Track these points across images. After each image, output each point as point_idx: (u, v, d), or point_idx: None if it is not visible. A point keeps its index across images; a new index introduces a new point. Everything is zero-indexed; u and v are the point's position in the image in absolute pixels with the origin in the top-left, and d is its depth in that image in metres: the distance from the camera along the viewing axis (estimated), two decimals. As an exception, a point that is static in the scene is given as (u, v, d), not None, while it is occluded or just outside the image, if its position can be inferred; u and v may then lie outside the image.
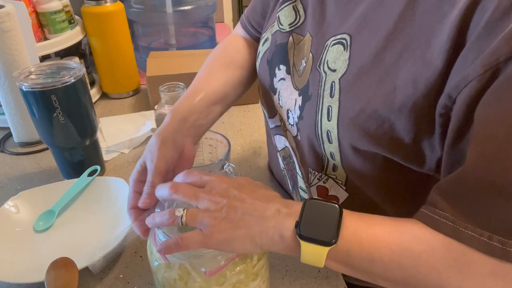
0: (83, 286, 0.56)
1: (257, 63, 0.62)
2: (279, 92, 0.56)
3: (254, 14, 0.68)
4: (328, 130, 0.47)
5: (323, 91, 0.46)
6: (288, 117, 0.55)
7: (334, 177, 0.53)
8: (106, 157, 0.82)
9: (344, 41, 0.45)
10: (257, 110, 1.00)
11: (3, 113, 0.87)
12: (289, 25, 0.54)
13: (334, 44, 0.46)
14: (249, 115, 0.98)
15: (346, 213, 0.40)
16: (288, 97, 0.54)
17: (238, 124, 0.94)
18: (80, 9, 0.99)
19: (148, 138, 0.89)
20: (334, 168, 0.51)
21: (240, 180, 0.45)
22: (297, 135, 0.54)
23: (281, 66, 0.55)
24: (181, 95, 0.73)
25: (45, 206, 0.67)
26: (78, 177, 0.70)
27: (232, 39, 0.71)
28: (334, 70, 0.45)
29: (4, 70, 0.78)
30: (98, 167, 0.72)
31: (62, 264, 0.53)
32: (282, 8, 0.56)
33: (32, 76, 0.66)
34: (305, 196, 0.61)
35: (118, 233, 0.60)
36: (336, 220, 0.39)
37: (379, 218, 0.41)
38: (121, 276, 0.58)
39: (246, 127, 0.93)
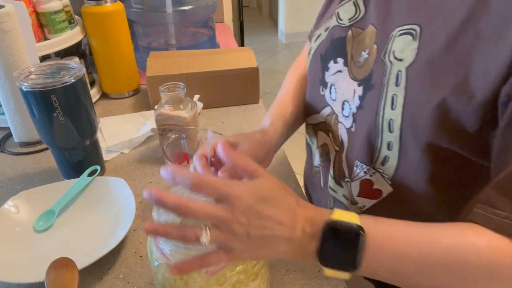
0: (83, 286, 0.56)
1: (309, 59, 0.64)
2: (332, 85, 0.58)
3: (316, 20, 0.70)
4: (390, 119, 0.47)
5: (388, 80, 0.47)
6: (343, 109, 0.56)
7: (382, 171, 0.53)
8: (106, 157, 0.82)
9: (413, 31, 0.46)
10: (257, 110, 1.00)
11: (3, 113, 0.87)
12: (349, 19, 0.56)
13: (401, 35, 0.47)
14: (249, 115, 0.98)
15: (370, 231, 0.39)
16: (345, 88, 0.55)
17: (238, 124, 0.94)
18: (80, 9, 0.99)
19: (148, 138, 0.89)
20: (385, 160, 0.51)
21: (262, 187, 0.41)
22: (351, 126, 0.55)
23: (338, 59, 0.56)
24: (181, 95, 0.73)
25: (45, 206, 0.67)
26: (78, 177, 0.70)
27: (302, 52, 0.74)
28: (400, 60, 0.46)
29: (4, 70, 0.78)
30: (98, 167, 0.72)
31: (62, 264, 0.53)
32: (342, 5, 0.58)
33: (32, 76, 0.66)
34: (334, 195, 0.62)
35: (118, 233, 0.60)
36: (358, 247, 0.39)
37: (407, 229, 0.41)
38: (121, 276, 0.58)
39: (246, 127, 0.93)
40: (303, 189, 0.75)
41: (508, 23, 0.38)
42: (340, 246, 0.39)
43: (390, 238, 0.40)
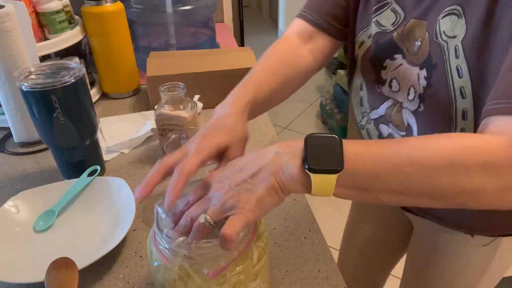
0: (83, 286, 0.56)
1: (358, 64, 0.70)
2: (392, 79, 0.64)
3: (317, 3, 0.71)
4: (461, 86, 0.53)
5: (448, 56, 0.54)
6: (408, 94, 0.62)
7: None
8: (106, 157, 0.82)
9: (456, 11, 0.53)
10: (257, 110, 1.00)
11: (3, 113, 0.87)
12: (392, 24, 0.63)
13: (444, 17, 0.54)
14: (249, 115, 0.98)
15: (345, 141, 0.43)
16: (409, 77, 0.61)
17: (238, 124, 0.94)
18: (80, 9, 0.99)
19: (148, 138, 0.89)
20: (462, 130, 0.56)
21: (228, 164, 0.47)
22: (418, 107, 0.60)
23: (396, 56, 0.63)
24: (181, 95, 0.73)
25: (45, 206, 0.67)
26: (78, 177, 0.70)
27: (282, 38, 0.73)
28: (454, 37, 0.53)
29: (4, 70, 0.78)
30: (98, 167, 0.73)
31: (62, 264, 0.53)
32: (379, 13, 0.64)
33: (32, 76, 0.66)
34: None
35: (117, 233, 0.60)
36: (339, 148, 0.42)
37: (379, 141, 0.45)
38: (121, 276, 0.58)
39: (246, 127, 0.93)
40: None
41: None
42: (322, 147, 0.42)
43: (365, 144, 0.44)
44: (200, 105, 0.95)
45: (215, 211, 0.42)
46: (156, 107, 0.76)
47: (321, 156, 0.41)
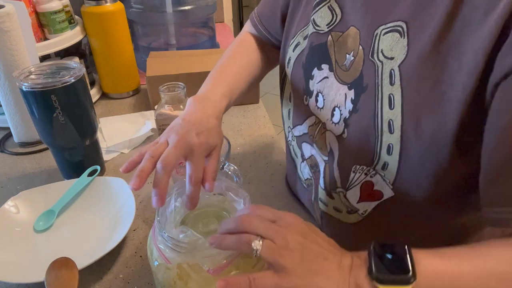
0: (83, 286, 0.56)
1: (289, 69, 0.62)
2: (318, 93, 0.56)
3: (266, 15, 0.69)
4: (390, 119, 0.46)
5: (381, 80, 0.46)
6: (332, 115, 0.54)
7: (383, 174, 0.51)
8: (106, 157, 0.82)
9: (399, 28, 0.45)
10: (257, 110, 1.00)
11: (3, 113, 0.87)
12: (327, 25, 0.55)
13: (386, 33, 0.46)
14: (249, 115, 0.98)
15: (415, 249, 0.38)
16: (335, 93, 0.53)
17: (238, 124, 0.94)
18: (80, 9, 0.99)
19: (148, 138, 0.89)
20: (384, 166, 0.50)
21: (307, 224, 0.42)
22: (343, 132, 0.53)
23: (323, 66, 0.55)
24: (181, 95, 0.73)
25: (45, 206, 0.67)
26: (78, 177, 0.70)
27: (244, 35, 0.73)
28: (391, 58, 0.45)
29: (4, 70, 0.78)
30: (98, 167, 0.72)
31: (62, 264, 0.53)
32: (316, 11, 0.56)
33: (32, 76, 0.66)
34: (324, 208, 0.60)
35: (117, 233, 0.60)
36: (408, 257, 0.37)
37: (450, 249, 0.40)
38: (121, 276, 0.58)
39: (246, 127, 0.93)
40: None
41: (491, 3, 0.38)
42: (390, 256, 0.38)
43: (439, 253, 0.39)
44: (200, 105, 0.95)
45: (272, 253, 0.37)
46: (156, 107, 0.76)
47: (389, 267, 0.37)
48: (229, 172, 0.60)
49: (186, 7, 1.16)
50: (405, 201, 0.52)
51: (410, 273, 0.36)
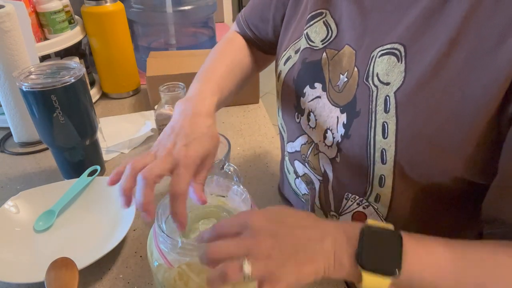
0: (83, 286, 0.56)
1: (279, 83, 0.59)
2: (311, 112, 0.53)
3: (254, 17, 0.67)
4: (383, 148, 0.43)
5: (375, 107, 0.43)
6: (325, 138, 0.51)
7: (376, 207, 0.49)
8: (106, 157, 0.82)
9: (396, 51, 0.42)
10: (257, 110, 1.00)
11: (3, 113, 0.87)
12: (321, 41, 0.51)
13: (382, 55, 0.43)
14: (249, 115, 0.98)
15: (406, 239, 0.37)
16: (327, 115, 0.50)
17: (238, 124, 0.94)
18: (80, 9, 0.99)
19: (148, 138, 0.89)
20: (377, 198, 0.48)
21: (273, 209, 0.41)
22: (336, 156, 0.50)
23: (316, 84, 0.52)
24: (181, 95, 0.73)
25: (45, 206, 0.67)
26: (78, 177, 0.70)
27: (232, 35, 0.70)
28: (387, 83, 0.42)
29: (4, 70, 0.78)
30: (98, 167, 0.72)
31: (62, 264, 0.53)
32: (311, 25, 0.53)
33: (32, 76, 0.66)
34: None
35: (117, 233, 0.60)
36: (399, 249, 0.36)
37: (443, 243, 0.38)
38: (121, 276, 0.58)
39: (246, 127, 0.93)
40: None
41: (503, 35, 0.35)
42: (381, 244, 0.37)
43: (426, 248, 0.38)
44: (200, 105, 0.95)
45: (258, 269, 0.36)
46: (156, 107, 0.76)
47: (377, 255, 0.36)
48: (229, 172, 0.60)
49: (186, 7, 1.16)
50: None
51: (396, 268, 0.35)
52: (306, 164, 0.57)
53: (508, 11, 0.35)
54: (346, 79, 0.47)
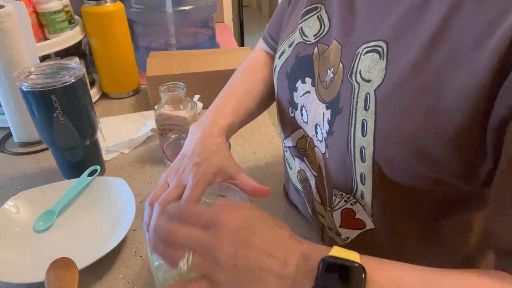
0: (83, 286, 0.56)
1: (275, 77, 0.59)
2: (302, 106, 0.53)
3: (274, 26, 0.68)
4: (362, 146, 0.43)
5: (356, 104, 0.43)
6: (316, 133, 0.51)
7: (363, 204, 0.49)
8: (106, 157, 0.82)
9: (379, 49, 0.41)
10: (257, 110, 1.00)
11: (3, 113, 0.87)
12: (314, 36, 0.51)
13: (367, 52, 0.43)
14: (249, 115, 0.98)
15: (371, 271, 0.34)
16: (315, 111, 0.50)
17: (238, 124, 0.94)
18: (80, 9, 0.99)
19: (148, 138, 0.89)
20: (362, 196, 0.47)
21: (250, 215, 0.39)
22: (325, 152, 0.50)
23: (307, 79, 0.52)
24: (181, 95, 0.73)
25: (45, 206, 0.67)
26: (78, 177, 0.70)
27: (256, 53, 0.71)
28: (368, 81, 0.42)
29: (4, 70, 0.78)
30: (98, 167, 0.73)
31: (62, 264, 0.53)
32: (305, 19, 0.53)
33: (32, 76, 0.66)
34: (324, 222, 0.57)
35: (117, 233, 0.60)
36: (358, 284, 0.33)
37: (414, 273, 0.35)
38: (121, 276, 0.58)
39: (246, 127, 0.93)
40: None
41: (482, 37, 0.34)
42: (340, 280, 0.34)
43: (394, 282, 0.35)
44: (200, 105, 0.95)
45: (198, 268, 0.36)
46: (156, 107, 0.76)
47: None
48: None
49: (186, 7, 1.16)
50: (388, 234, 0.49)
51: None
52: (305, 158, 0.57)
53: (489, 11, 0.34)
54: (332, 75, 0.47)
